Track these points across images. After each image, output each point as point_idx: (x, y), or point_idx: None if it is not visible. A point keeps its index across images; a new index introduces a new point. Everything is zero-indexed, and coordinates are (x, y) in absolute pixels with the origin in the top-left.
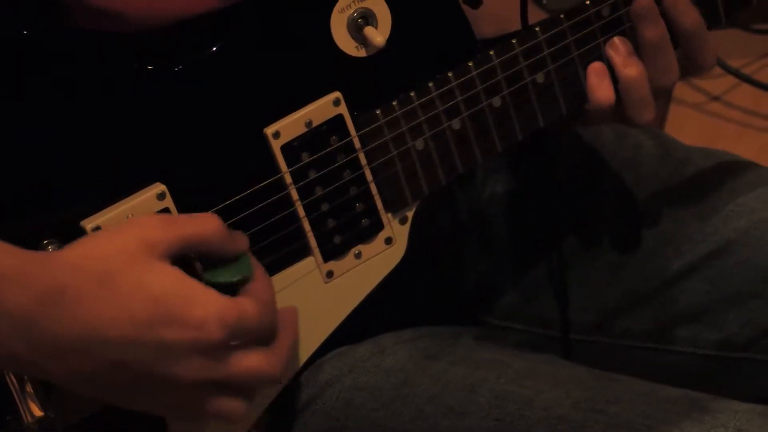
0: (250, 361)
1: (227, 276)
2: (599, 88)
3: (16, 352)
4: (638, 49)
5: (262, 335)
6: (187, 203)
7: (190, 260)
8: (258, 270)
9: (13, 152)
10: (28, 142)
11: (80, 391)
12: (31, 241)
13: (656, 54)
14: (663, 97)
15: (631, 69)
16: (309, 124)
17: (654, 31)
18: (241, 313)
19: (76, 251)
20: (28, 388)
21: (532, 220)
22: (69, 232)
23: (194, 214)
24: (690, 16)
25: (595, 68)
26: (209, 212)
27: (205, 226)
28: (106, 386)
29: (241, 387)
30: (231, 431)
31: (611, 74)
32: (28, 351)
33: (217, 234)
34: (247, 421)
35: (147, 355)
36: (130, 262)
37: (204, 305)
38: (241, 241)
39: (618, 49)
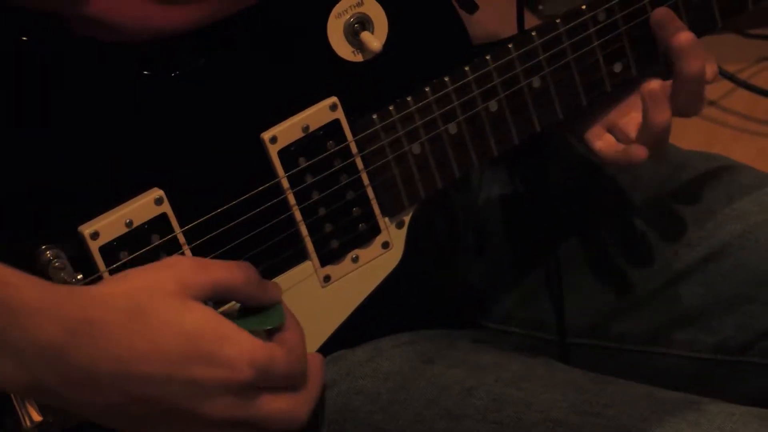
0: (278, 404)
1: (256, 324)
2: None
3: (45, 384)
4: (678, 83)
5: (291, 381)
6: (184, 208)
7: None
8: (290, 320)
9: (11, 158)
10: (25, 147)
11: (108, 424)
12: (29, 246)
13: (697, 86)
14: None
15: (663, 115)
16: (306, 129)
17: (697, 64)
18: (273, 357)
19: (106, 286)
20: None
21: (528, 223)
22: (67, 237)
23: (228, 262)
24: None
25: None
26: (243, 261)
27: (236, 274)
28: (132, 420)
29: (266, 427)
30: None
31: (613, 78)
32: (58, 383)
33: (248, 283)
34: None
35: (177, 391)
36: (162, 298)
37: (236, 345)
38: (273, 291)
39: (654, 95)
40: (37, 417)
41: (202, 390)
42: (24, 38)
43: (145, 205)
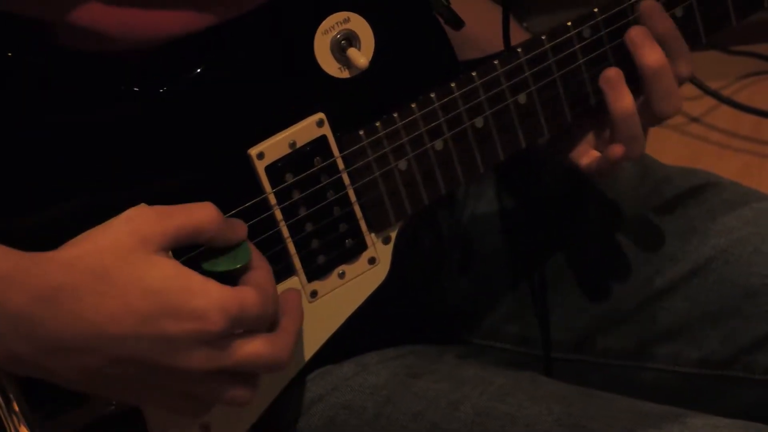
0: (255, 348)
1: (225, 264)
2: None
3: (19, 353)
4: (639, 79)
5: (265, 322)
6: None
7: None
8: (257, 258)
9: None
10: (11, 163)
11: (88, 390)
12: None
13: (658, 80)
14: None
15: (623, 100)
16: (293, 145)
17: (653, 57)
18: (243, 302)
19: (69, 249)
20: (15, 406)
21: (513, 240)
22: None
23: (189, 204)
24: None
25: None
26: (206, 202)
27: (199, 215)
28: (112, 383)
29: (248, 373)
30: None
31: (598, 93)
32: (31, 352)
33: (212, 223)
34: (248, 420)
35: (150, 348)
36: (124, 256)
37: (205, 296)
38: (239, 229)
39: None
40: (25, 431)
41: (175, 344)
42: (9, 54)
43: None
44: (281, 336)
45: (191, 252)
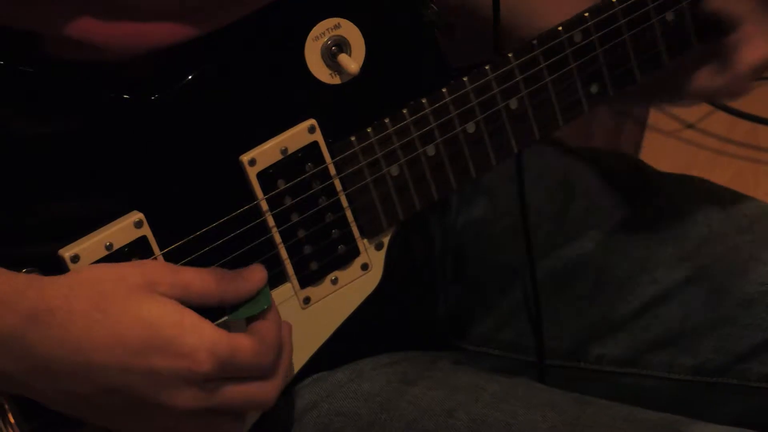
0: (242, 391)
1: (245, 312)
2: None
3: (9, 372)
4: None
5: (257, 371)
6: (164, 231)
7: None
8: (268, 310)
9: None
10: (4, 171)
11: (75, 415)
12: (7, 269)
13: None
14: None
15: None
16: (284, 151)
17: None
18: (235, 347)
19: (71, 276)
20: (10, 417)
21: (506, 246)
22: (47, 261)
23: (198, 269)
24: None
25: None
26: (213, 267)
27: (207, 276)
28: (98, 411)
29: (234, 412)
30: None
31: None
32: (21, 371)
33: (220, 281)
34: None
35: (136, 381)
36: (126, 289)
37: (195, 334)
38: (254, 276)
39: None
40: None
41: (162, 380)
42: (1, 62)
43: (125, 228)
44: (274, 382)
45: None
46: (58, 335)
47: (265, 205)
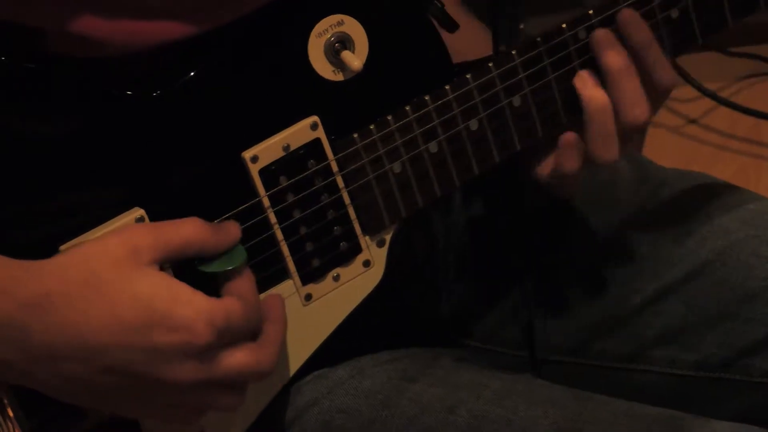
0: (240, 358)
1: (219, 265)
2: (568, 158)
3: (8, 360)
4: (604, 81)
5: (248, 332)
6: None
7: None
8: (243, 267)
9: None
10: (5, 167)
11: (75, 401)
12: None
13: (621, 82)
14: (636, 139)
15: (597, 100)
16: (287, 148)
17: (615, 58)
18: (229, 313)
19: (60, 258)
20: (9, 412)
21: (507, 244)
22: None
23: (176, 220)
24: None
25: (567, 140)
26: (192, 217)
27: (185, 230)
28: (99, 393)
29: (234, 383)
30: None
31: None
32: (20, 359)
33: (199, 237)
34: (243, 424)
35: (138, 359)
36: (115, 267)
37: (192, 307)
38: (231, 231)
39: (585, 79)
40: None
41: (162, 356)
42: (2, 58)
43: (127, 225)
44: (265, 344)
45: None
46: (57, 319)
47: (266, 202)
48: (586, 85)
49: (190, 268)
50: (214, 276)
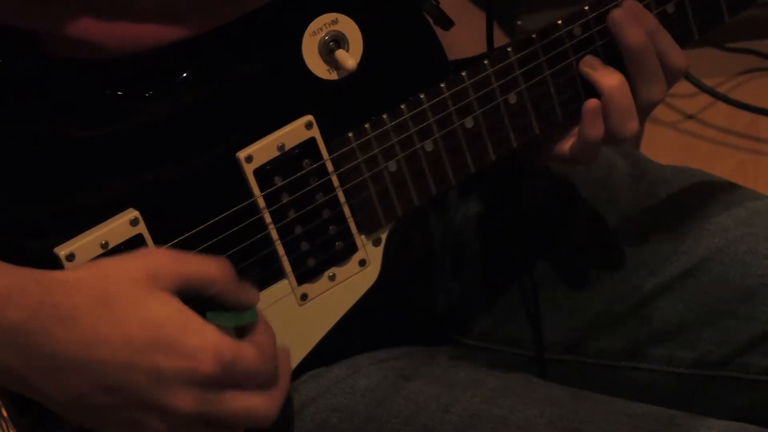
0: (245, 402)
1: (228, 320)
2: (592, 127)
3: (11, 368)
4: (623, 60)
5: (260, 381)
6: (160, 229)
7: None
8: (262, 323)
9: None
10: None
11: (71, 416)
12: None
13: (643, 60)
14: (647, 114)
15: (610, 78)
16: (281, 147)
17: (637, 35)
18: (238, 354)
19: (74, 272)
20: (3, 411)
21: (504, 242)
22: (42, 259)
23: (206, 256)
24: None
25: (591, 107)
26: (220, 257)
27: (212, 268)
28: (97, 411)
29: (233, 425)
30: None
31: (589, 91)
32: (22, 367)
33: (223, 279)
34: None
35: (140, 380)
36: (130, 286)
37: (200, 336)
38: (249, 294)
39: (591, 63)
40: None
41: (165, 380)
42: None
43: (121, 226)
44: (273, 395)
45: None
46: (62, 331)
47: (261, 202)
48: (595, 67)
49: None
50: (220, 329)
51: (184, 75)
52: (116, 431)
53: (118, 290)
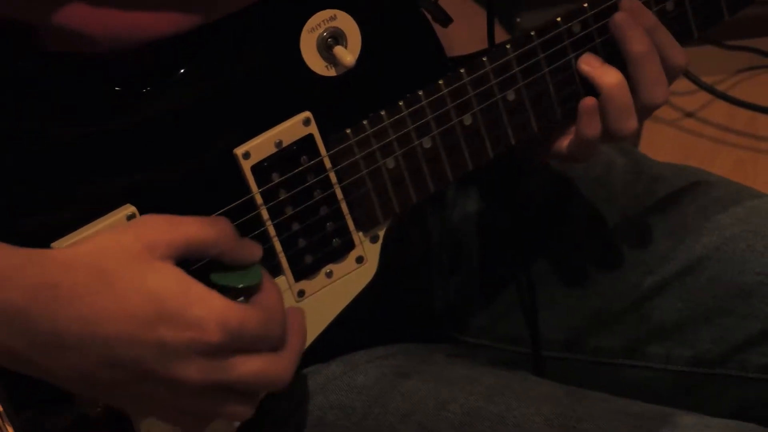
0: (256, 365)
1: (233, 280)
2: (589, 125)
3: (14, 349)
4: (626, 65)
5: (267, 343)
6: None
7: (197, 262)
8: (267, 281)
9: None
10: None
11: (81, 392)
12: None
13: (647, 65)
14: (648, 115)
15: (609, 76)
16: (279, 144)
17: (641, 41)
18: (245, 318)
19: (69, 249)
20: (0, 408)
21: (503, 238)
22: None
23: (203, 217)
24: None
25: (588, 105)
26: (221, 216)
27: (210, 229)
28: (106, 386)
29: (246, 391)
30: None
31: (588, 89)
32: (25, 347)
33: (223, 238)
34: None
35: (146, 353)
36: (128, 259)
37: (205, 305)
38: (253, 249)
39: (590, 61)
40: None
41: (171, 352)
42: None
43: (118, 222)
44: (285, 356)
45: (200, 263)
46: (62, 309)
47: (259, 199)
48: (593, 65)
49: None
50: (226, 290)
51: (182, 71)
52: (128, 404)
53: (116, 265)
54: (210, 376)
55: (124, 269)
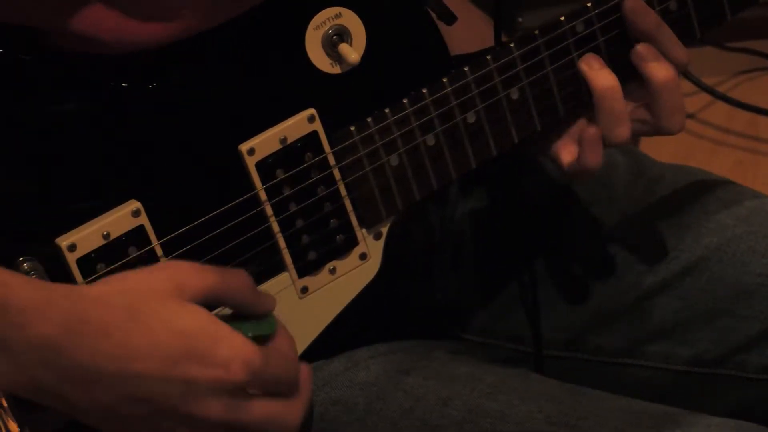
0: (270, 408)
1: (248, 329)
2: (598, 75)
3: (42, 382)
4: (647, 92)
5: (283, 387)
6: (162, 220)
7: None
8: (281, 330)
9: None
10: (2, 160)
11: (100, 425)
12: (6, 258)
13: (665, 95)
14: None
15: (604, 79)
16: (284, 140)
17: (661, 71)
18: (267, 360)
19: (101, 286)
20: (3, 402)
21: (505, 237)
22: (44, 250)
23: (224, 268)
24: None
25: (591, 134)
26: (240, 269)
27: (231, 280)
28: (126, 420)
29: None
30: None
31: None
32: (54, 380)
33: (242, 289)
34: None
35: (172, 390)
36: (158, 298)
37: (231, 345)
38: (267, 301)
39: (590, 62)
40: (14, 428)
41: (197, 390)
42: (1, 50)
43: (123, 218)
44: (296, 403)
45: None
46: (93, 345)
47: (263, 195)
48: (592, 67)
49: None
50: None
51: (188, 67)
52: None
53: (147, 303)
54: (229, 414)
55: (156, 307)
